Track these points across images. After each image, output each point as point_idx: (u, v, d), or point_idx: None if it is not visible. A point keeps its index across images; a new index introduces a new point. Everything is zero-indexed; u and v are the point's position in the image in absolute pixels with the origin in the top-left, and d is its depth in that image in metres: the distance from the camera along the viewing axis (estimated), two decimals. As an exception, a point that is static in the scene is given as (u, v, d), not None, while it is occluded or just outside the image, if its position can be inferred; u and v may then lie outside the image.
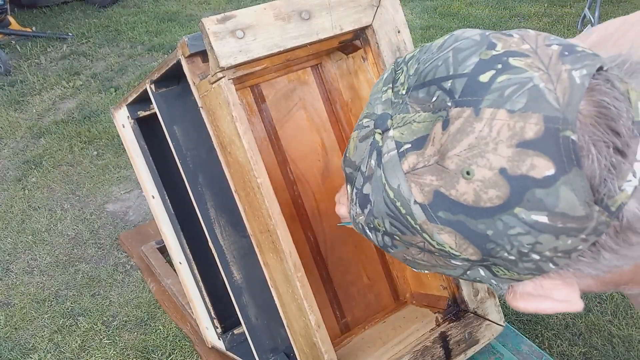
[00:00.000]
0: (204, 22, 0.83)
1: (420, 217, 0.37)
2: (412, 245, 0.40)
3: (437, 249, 0.38)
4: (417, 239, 0.39)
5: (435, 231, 0.37)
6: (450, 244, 0.37)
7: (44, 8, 4.61)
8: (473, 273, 0.41)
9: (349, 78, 1.15)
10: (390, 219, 0.40)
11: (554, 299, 0.40)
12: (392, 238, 0.41)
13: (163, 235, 1.45)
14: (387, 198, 0.39)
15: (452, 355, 1.10)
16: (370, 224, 0.42)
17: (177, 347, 1.60)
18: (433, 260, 0.40)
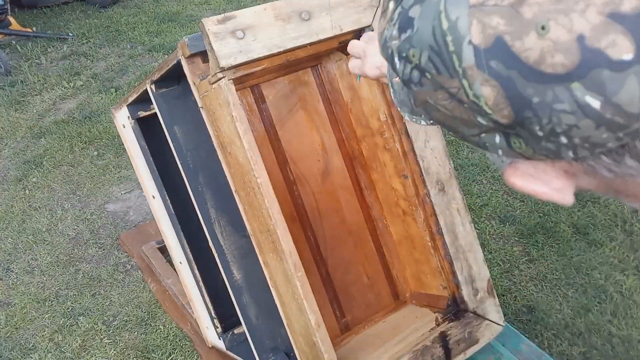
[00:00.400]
0: (204, 23, 0.83)
1: (469, 60, 0.34)
2: (442, 89, 0.37)
3: (470, 101, 0.35)
4: (452, 84, 0.36)
5: (479, 80, 0.34)
6: (488, 99, 0.34)
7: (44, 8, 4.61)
8: (487, 137, 0.38)
9: (348, 78, 1.15)
10: (430, 53, 0.36)
11: (550, 186, 0.39)
12: (422, 75, 0.37)
13: (163, 235, 1.45)
14: (437, 28, 0.35)
15: (451, 354, 1.11)
16: (403, 52, 0.38)
17: (178, 347, 1.60)
18: (457, 111, 0.37)
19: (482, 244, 1.86)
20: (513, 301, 1.68)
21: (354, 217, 1.24)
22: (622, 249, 1.85)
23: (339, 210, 1.23)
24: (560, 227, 1.95)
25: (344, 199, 1.23)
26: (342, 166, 1.23)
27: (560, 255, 1.85)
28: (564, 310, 1.63)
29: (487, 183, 2.23)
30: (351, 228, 1.24)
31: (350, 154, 1.24)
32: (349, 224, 1.24)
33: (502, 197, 2.14)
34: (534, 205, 2.07)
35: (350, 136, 1.22)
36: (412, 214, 1.14)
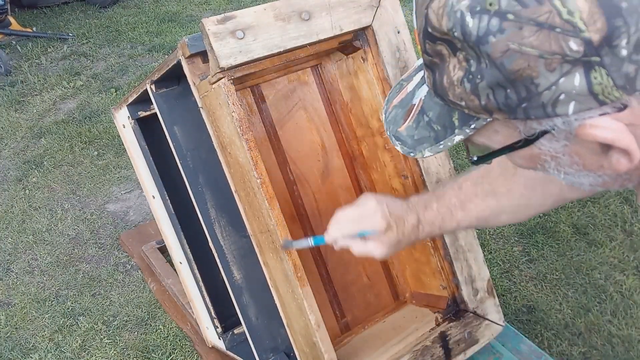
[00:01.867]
0: (204, 23, 0.83)
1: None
2: (529, 23, 0.37)
3: (563, 21, 0.37)
4: (542, 10, 0.37)
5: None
6: (583, 11, 0.36)
7: (44, 8, 4.61)
8: (566, 82, 0.39)
9: (348, 78, 1.15)
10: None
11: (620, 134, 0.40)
12: (502, 19, 0.38)
13: (163, 235, 1.45)
14: None
15: (451, 354, 1.11)
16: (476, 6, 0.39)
17: (178, 347, 1.60)
18: (546, 44, 0.38)
19: (482, 244, 1.86)
20: (513, 301, 1.68)
21: (354, 217, 1.24)
22: (622, 249, 1.85)
23: (339, 210, 1.23)
24: (560, 227, 1.95)
25: (344, 199, 1.23)
26: (342, 166, 1.23)
27: (560, 255, 1.85)
28: (564, 310, 1.63)
29: (487, 183, 2.23)
30: (351, 228, 1.24)
31: (350, 154, 1.24)
32: (349, 224, 1.24)
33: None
34: (534, 205, 2.07)
35: (350, 136, 1.22)
36: (412, 214, 1.14)
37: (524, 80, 0.40)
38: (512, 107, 0.42)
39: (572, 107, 0.40)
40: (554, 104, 0.40)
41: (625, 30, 0.36)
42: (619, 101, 0.39)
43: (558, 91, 0.39)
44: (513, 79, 0.40)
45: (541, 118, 0.42)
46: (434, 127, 0.51)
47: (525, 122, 0.43)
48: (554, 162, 0.47)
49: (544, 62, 0.38)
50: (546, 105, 0.40)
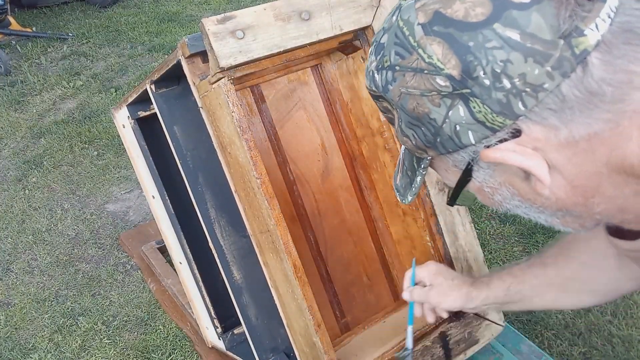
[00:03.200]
0: (204, 23, 0.83)
1: (419, 34, 0.45)
2: (407, 70, 0.46)
3: (427, 64, 0.44)
4: (412, 59, 0.46)
5: (429, 43, 0.44)
6: (438, 54, 0.43)
7: (44, 8, 4.61)
8: (454, 114, 0.45)
9: (348, 78, 1.15)
10: (395, 48, 0.47)
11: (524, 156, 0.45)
12: (393, 70, 0.48)
13: (163, 235, 1.45)
14: (397, 31, 0.47)
15: (451, 355, 1.11)
16: (379, 65, 0.49)
17: (177, 347, 1.60)
18: (422, 84, 0.45)
19: (482, 244, 1.86)
20: (513, 301, 1.68)
21: (354, 217, 1.24)
22: (622, 249, 1.85)
23: (339, 210, 1.23)
24: (560, 227, 1.94)
25: (344, 199, 1.23)
26: (342, 166, 1.23)
27: (560, 255, 1.84)
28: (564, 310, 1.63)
29: (487, 183, 2.23)
30: (351, 228, 1.24)
31: (350, 154, 1.24)
32: (349, 224, 1.24)
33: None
34: (534, 205, 2.06)
35: (350, 136, 1.22)
36: (412, 214, 1.14)
37: (424, 118, 0.47)
38: (432, 143, 0.49)
39: (471, 136, 0.46)
40: (457, 135, 0.46)
41: (477, 64, 0.42)
42: (508, 127, 0.44)
43: (452, 123, 0.46)
44: (416, 117, 0.48)
45: (456, 150, 0.48)
46: (408, 173, 0.58)
47: (450, 155, 0.49)
48: (498, 196, 0.51)
49: (427, 99, 0.46)
50: (452, 137, 0.47)
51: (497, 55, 0.41)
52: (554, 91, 0.41)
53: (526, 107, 0.42)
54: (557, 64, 0.40)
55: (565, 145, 0.43)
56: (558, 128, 0.42)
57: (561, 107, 0.41)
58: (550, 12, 0.39)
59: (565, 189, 0.46)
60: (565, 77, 0.40)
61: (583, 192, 0.46)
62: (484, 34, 0.41)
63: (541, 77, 0.40)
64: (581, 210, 0.48)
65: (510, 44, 0.40)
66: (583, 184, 0.45)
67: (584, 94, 0.40)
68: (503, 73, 0.41)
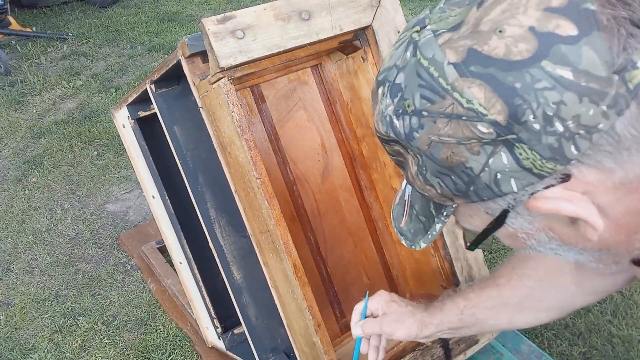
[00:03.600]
0: (204, 23, 0.83)
1: (452, 76, 0.40)
2: (439, 116, 0.41)
3: (466, 110, 0.40)
4: (446, 104, 0.40)
5: (466, 86, 0.39)
6: (479, 98, 0.39)
7: (44, 8, 4.61)
8: (495, 162, 0.41)
9: (348, 78, 1.15)
10: (421, 90, 0.42)
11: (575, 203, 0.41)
12: (419, 116, 0.42)
13: (163, 235, 1.45)
14: (421, 69, 0.41)
15: (451, 355, 1.11)
16: (399, 109, 0.44)
17: (177, 347, 1.60)
18: (459, 132, 0.41)
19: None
20: (513, 301, 1.68)
21: (354, 217, 1.24)
22: (622, 249, 1.85)
23: (339, 210, 1.23)
24: (560, 227, 1.94)
25: (344, 199, 1.23)
26: (342, 166, 1.23)
27: (560, 255, 1.84)
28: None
29: (487, 183, 2.23)
30: (351, 228, 1.24)
31: (350, 154, 1.24)
32: (349, 224, 1.24)
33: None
34: (534, 205, 2.07)
35: (350, 136, 1.22)
36: (412, 214, 1.14)
37: (458, 167, 0.43)
38: (463, 192, 0.44)
39: (514, 184, 0.41)
40: (496, 183, 0.42)
41: (527, 107, 0.38)
42: (557, 173, 0.40)
43: (493, 171, 0.41)
44: (448, 166, 0.43)
45: (493, 198, 0.44)
46: (421, 218, 0.54)
47: (484, 203, 0.45)
48: (533, 240, 0.48)
49: (465, 147, 0.41)
50: (490, 186, 0.42)
51: (548, 96, 0.37)
52: (609, 131, 0.37)
53: (579, 150, 0.38)
54: (613, 102, 0.37)
55: (619, 187, 0.40)
56: (613, 171, 0.39)
57: (617, 149, 0.38)
58: (602, 45, 0.36)
59: (609, 228, 0.43)
60: (620, 115, 0.37)
61: (627, 230, 0.44)
62: (532, 73, 0.37)
63: (596, 118, 0.37)
64: (622, 248, 0.46)
65: (562, 83, 0.37)
66: (629, 221, 0.43)
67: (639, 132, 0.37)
68: (556, 116, 0.37)
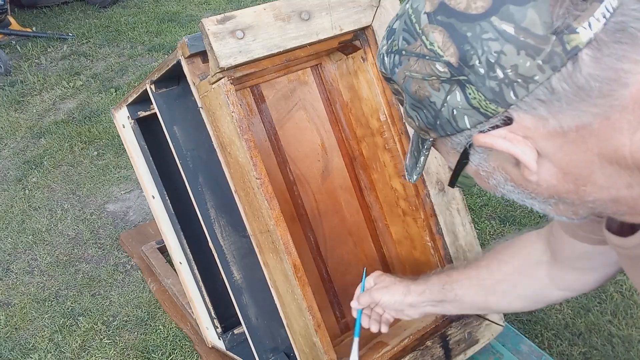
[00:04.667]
0: (204, 23, 0.83)
1: (424, 22, 0.48)
2: (411, 55, 0.49)
3: (428, 50, 0.48)
4: (417, 45, 0.49)
5: (431, 31, 0.47)
6: (438, 42, 0.47)
7: (44, 8, 4.61)
8: (452, 99, 0.48)
9: (348, 78, 1.15)
10: (403, 34, 0.50)
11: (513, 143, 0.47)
12: (400, 55, 0.51)
13: (163, 235, 1.45)
14: (406, 17, 0.50)
15: (451, 355, 1.11)
16: (389, 48, 0.53)
17: (177, 347, 1.60)
18: (424, 68, 0.48)
19: (482, 244, 1.86)
20: (513, 301, 1.68)
21: (354, 217, 1.24)
22: (622, 249, 1.85)
23: (339, 210, 1.23)
24: (560, 227, 1.94)
25: (344, 199, 1.23)
26: (342, 166, 1.23)
27: (560, 255, 1.84)
28: (564, 310, 1.63)
29: (487, 183, 2.23)
30: (351, 228, 1.24)
31: (350, 154, 1.24)
32: (349, 224, 1.24)
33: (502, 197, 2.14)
34: (534, 205, 2.06)
35: (350, 136, 1.22)
36: (412, 214, 1.14)
37: (425, 100, 0.50)
38: (433, 125, 0.52)
39: (467, 120, 0.48)
40: (454, 118, 0.49)
41: (474, 53, 0.45)
42: (500, 114, 0.46)
43: (450, 107, 0.49)
44: (418, 99, 0.51)
45: (454, 133, 0.50)
46: (414, 153, 0.61)
47: (449, 138, 0.52)
48: (493, 180, 0.54)
49: (428, 83, 0.49)
50: (450, 121, 0.49)
51: (492, 46, 0.44)
52: (544, 83, 0.43)
53: (517, 96, 0.45)
54: (548, 57, 0.42)
55: (554, 135, 0.46)
56: (546, 118, 0.45)
57: (550, 99, 0.44)
58: (545, 9, 0.42)
59: (556, 175, 0.48)
60: (556, 71, 0.42)
61: (574, 180, 0.48)
62: (482, 25, 0.44)
63: (532, 70, 0.43)
64: (573, 198, 0.50)
65: (504, 36, 0.43)
66: (574, 172, 0.47)
67: (572, 88, 0.43)
68: (497, 63, 0.44)
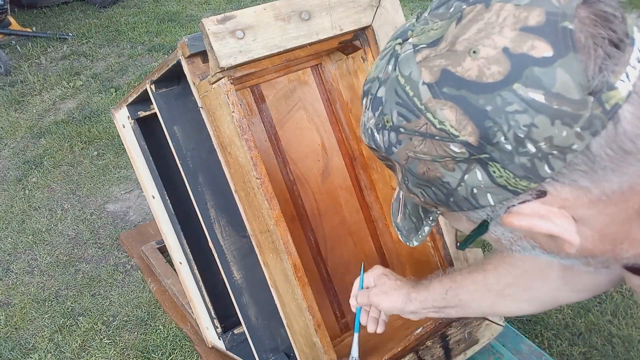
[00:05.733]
0: (204, 23, 0.83)
1: (426, 96, 0.40)
2: (414, 134, 0.42)
3: (438, 130, 0.40)
4: (420, 123, 0.41)
5: (439, 107, 0.39)
6: (451, 120, 0.39)
7: (44, 8, 4.61)
8: (470, 178, 0.41)
9: (348, 78, 1.15)
10: (398, 108, 0.42)
11: (550, 220, 0.41)
12: (397, 132, 0.43)
13: (163, 235, 1.45)
14: (398, 87, 0.42)
15: (451, 355, 1.11)
16: (379, 123, 0.45)
17: (177, 347, 1.60)
18: (433, 150, 0.41)
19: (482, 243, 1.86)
20: (513, 301, 1.68)
21: (354, 217, 1.24)
22: (622, 249, 1.85)
23: (339, 210, 1.23)
24: (560, 227, 1.94)
25: (344, 199, 1.23)
26: (342, 166, 1.23)
27: (560, 255, 1.84)
28: (564, 310, 1.63)
29: (487, 183, 2.23)
30: (351, 228, 1.24)
31: (350, 154, 1.24)
32: (349, 224, 1.24)
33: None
34: (534, 205, 2.06)
35: (350, 136, 1.22)
36: (412, 214, 1.14)
37: (435, 181, 0.44)
38: (444, 202, 0.45)
39: (490, 198, 0.42)
40: (473, 197, 0.43)
41: (498, 129, 0.38)
42: (531, 190, 0.40)
43: (469, 186, 0.42)
44: (426, 180, 0.44)
45: (472, 209, 0.44)
46: (412, 219, 0.56)
47: (465, 212, 0.46)
48: (517, 247, 0.48)
49: (440, 164, 0.42)
50: (468, 199, 0.43)
51: (519, 119, 0.37)
52: (584, 151, 0.37)
53: (553, 170, 0.39)
54: (588, 124, 0.36)
55: (596, 202, 0.40)
56: (589, 189, 0.39)
57: (592, 168, 0.38)
58: (577, 67, 0.35)
59: (592, 239, 0.43)
60: (596, 135, 0.37)
61: (612, 240, 0.44)
62: (503, 96, 0.37)
63: (569, 139, 0.37)
64: (608, 256, 0.46)
65: (534, 106, 0.36)
66: (612, 231, 0.43)
67: (616, 153, 0.37)
68: (527, 138, 0.37)
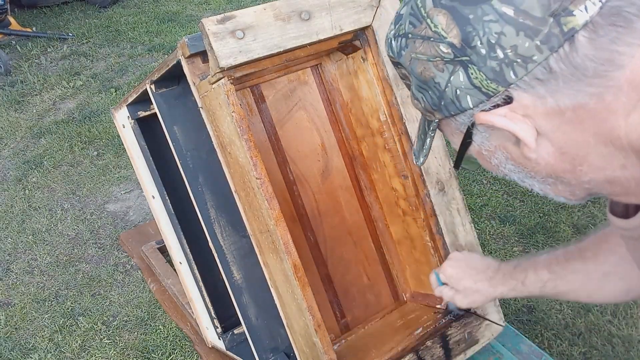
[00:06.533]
0: (204, 23, 0.83)
1: (429, 6, 0.50)
2: (417, 37, 0.52)
3: (433, 32, 0.50)
4: (422, 28, 0.51)
5: (435, 14, 0.49)
6: (442, 24, 0.49)
7: (44, 8, 4.61)
8: (455, 79, 0.50)
9: (348, 78, 1.15)
10: (409, 18, 0.53)
11: (513, 122, 0.49)
12: (406, 38, 0.53)
13: (163, 235, 1.45)
14: (413, 2, 0.53)
15: (451, 355, 1.11)
16: (397, 32, 0.55)
17: (177, 347, 1.60)
18: (428, 50, 0.51)
19: (482, 244, 1.86)
20: (513, 301, 1.68)
21: (354, 217, 1.24)
22: (622, 249, 1.84)
23: (339, 210, 1.23)
24: (561, 227, 1.95)
25: (344, 199, 1.23)
26: (342, 166, 1.23)
27: (560, 255, 1.84)
28: (564, 310, 1.63)
29: (487, 183, 2.24)
30: (351, 228, 1.24)
31: (350, 154, 1.24)
32: (349, 224, 1.24)
33: (502, 197, 2.14)
34: (534, 205, 2.07)
35: (350, 136, 1.22)
36: (412, 214, 1.14)
37: (430, 82, 0.53)
38: (438, 106, 0.54)
39: (469, 100, 0.50)
40: (457, 98, 0.51)
41: (476, 34, 0.47)
42: (500, 93, 0.48)
43: (454, 87, 0.51)
44: (423, 81, 0.53)
45: (457, 113, 0.53)
46: (422, 136, 0.63)
47: (453, 119, 0.54)
48: (495, 159, 0.56)
49: (433, 64, 0.51)
50: (454, 101, 0.52)
51: (492, 27, 0.46)
52: (542, 63, 0.45)
53: (517, 76, 0.47)
54: (546, 39, 0.44)
55: (551, 113, 0.48)
56: (544, 97, 0.47)
57: (548, 78, 0.46)
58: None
59: (554, 154, 0.50)
60: (553, 51, 0.45)
61: (571, 160, 0.50)
62: (483, 8, 0.46)
63: (531, 50, 0.45)
64: (570, 178, 0.52)
65: (504, 18, 0.45)
66: (571, 152, 0.49)
67: (569, 68, 0.45)
68: (497, 44, 0.46)
